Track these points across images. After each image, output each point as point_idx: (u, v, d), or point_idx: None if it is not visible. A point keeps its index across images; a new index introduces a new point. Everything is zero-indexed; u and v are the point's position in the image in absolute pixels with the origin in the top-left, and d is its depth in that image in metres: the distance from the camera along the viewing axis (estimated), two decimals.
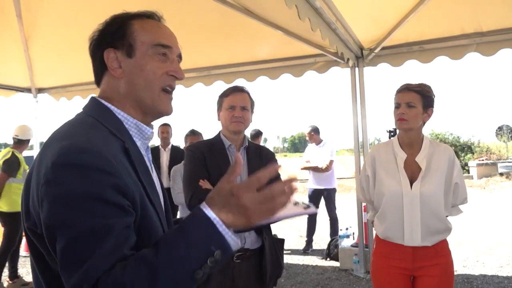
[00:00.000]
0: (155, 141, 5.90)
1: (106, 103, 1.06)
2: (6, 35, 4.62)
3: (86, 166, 0.85)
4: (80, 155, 0.86)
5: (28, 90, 6.27)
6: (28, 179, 0.96)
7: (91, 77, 1.12)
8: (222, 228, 0.86)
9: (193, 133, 4.31)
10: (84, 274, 0.81)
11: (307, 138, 6.60)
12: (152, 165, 1.15)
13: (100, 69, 1.09)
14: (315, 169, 6.31)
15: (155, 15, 1.13)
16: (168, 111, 1.11)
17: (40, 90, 6.35)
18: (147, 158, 1.11)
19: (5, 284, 4.97)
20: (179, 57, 1.13)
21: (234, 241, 0.87)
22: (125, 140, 1.00)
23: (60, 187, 0.84)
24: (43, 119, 6.58)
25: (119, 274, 0.81)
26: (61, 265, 0.84)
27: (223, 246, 0.86)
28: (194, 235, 0.86)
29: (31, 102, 6.38)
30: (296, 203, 1.35)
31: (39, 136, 6.38)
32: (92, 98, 1.09)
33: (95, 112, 1.04)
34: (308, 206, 1.36)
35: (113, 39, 1.06)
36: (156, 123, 5.79)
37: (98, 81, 1.12)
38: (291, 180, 0.90)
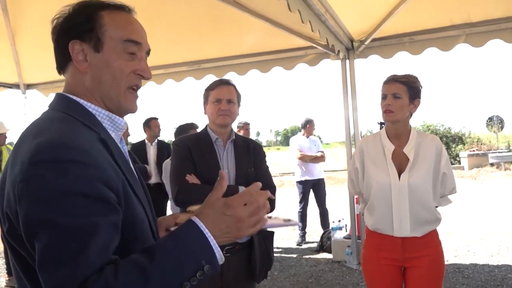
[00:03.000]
0: (142, 135, 5.82)
1: (74, 97, 1.02)
2: None
3: (65, 160, 0.83)
4: (58, 150, 0.84)
5: (16, 86, 6.19)
6: (1, 181, 0.92)
7: None
8: (213, 243, 0.90)
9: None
10: (64, 280, 0.78)
11: (302, 130, 6.61)
12: (129, 157, 1.12)
13: (64, 58, 1.04)
14: (313, 160, 6.35)
15: (126, 7, 1.07)
16: (132, 110, 1.09)
17: (28, 86, 6.26)
18: (123, 149, 1.09)
19: (3, 279, 4.95)
20: (148, 53, 1.10)
21: (220, 256, 0.91)
22: (100, 132, 0.98)
23: (39, 184, 0.81)
24: (32, 115, 6.52)
25: (111, 280, 0.79)
26: (40, 266, 0.80)
27: (213, 261, 0.89)
28: (187, 248, 0.87)
29: (20, 98, 6.30)
30: (274, 218, 1.35)
31: None
32: (58, 94, 1.05)
33: (64, 107, 1.01)
34: (288, 220, 1.36)
35: (81, 30, 1.01)
36: (144, 117, 5.76)
37: (60, 70, 1.08)
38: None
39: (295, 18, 3.10)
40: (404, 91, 2.22)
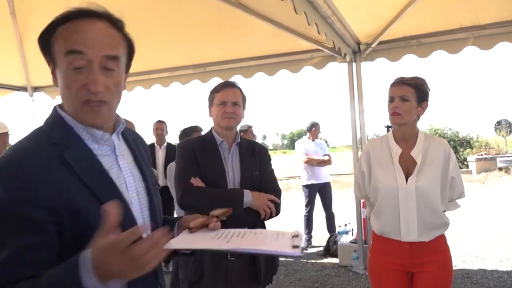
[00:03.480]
0: (151, 138, 5.84)
1: (60, 111, 1.07)
2: (1, 33, 4.57)
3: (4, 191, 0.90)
4: (3, 171, 0.93)
5: (24, 88, 6.23)
6: None
7: None
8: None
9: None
10: None
11: (307, 133, 6.58)
12: (122, 164, 1.14)
13: None
14: (320, 163, 6.31)
15: (77, 13, 1.03)
16: (94, 123, 1.06)
17: (36, 89, 6.29)
18: (114, 158, 1.12)
19: None
20: (111, 58, 1.03)
21: None
22: (69, 146, 1.01)
23: None
24: (39, 118, 6.55)
25: None
26: None
27: None
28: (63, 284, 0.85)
29: (27, 101, 6.32)
30: (279, 233, 1.23)
31: None
32: (54, 106, 1.10)
33: (49, 121, 1.08)
34: (296, 236, 1.19)
35: (43, 50, 1.05)
36: (152, 120, 5.77)
37: None
38: (160, 234, 0.86)
39: (302, 20, 3.08)
40: (412, 94, 2.19)
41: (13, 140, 5.12)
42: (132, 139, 1.26)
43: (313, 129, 6.54)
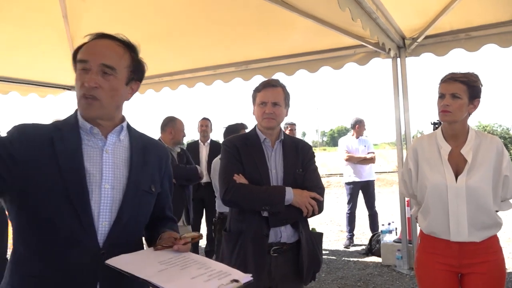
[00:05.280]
0: (195, 135, 5.95)
1: (78, 113, 1.37)
2: (54, 35, 4.80)
3: (9, 131, 1.29)
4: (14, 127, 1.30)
5: (73, 88, 6.52)
6: None
7: None
8: None
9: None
10: None
11: (351, 130, 6.49)
12: (105, 158, 1.35)
13: None
14: (361, 161, 6.22)
15: (96, 35, 1.37)
16: (86, 114, 1.34)
17: None
18: (99, 150, 1.35)
19: None
20: (108, 67, 1.31)
21: None
22: (64, 130, 1.33)
23: None
24: None
25: None
26: None
27: None
28: None
29: (76, 100, 6.62)
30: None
31: None
32: (76, 109, 1.40)
33: (67, 117, 1.41)
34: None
35: (73, 62, 1.36)
36: (197, 118, 5.88)
37: None
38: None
39: (344, 16, 3.04)
40: (463, 91, 2.11)
41: None
42: (142, 146, 1.47)
43: (357, 126, 6.43)
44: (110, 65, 1.31)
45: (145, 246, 1.52)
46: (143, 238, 1.55)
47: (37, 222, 1.23)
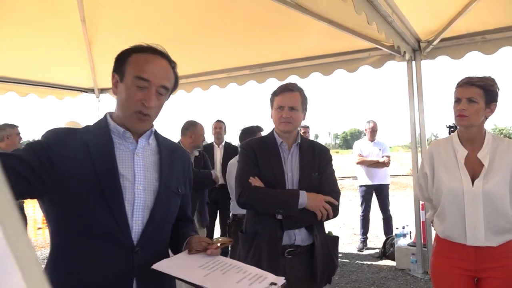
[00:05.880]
0: (210, 138, 5.99)
1: (108, 116, 1.44)
2: (72, 39, 4.90)
3: (42, 137, 1.32)
4: (44, 134, 1.34)
5: (91, 90, 6.64)
6: None
7: None
8: None
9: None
10: None
11: (368, 132, 6.46)
12: (136, 160, 1.40)
13: None
14: (374, 164, 6.19)
15: (151, 49, 1.40)
16: (136, 128, 1.40)
17: (102, 90, 6.69)
18: (131, 153, 1.41)
19: None
20: (164, 88, 1.39)
21: None
22: (97, 134, 1.38)
23: None
24: None
25: None
26: None
27: None
28: None
29: (94, 102, 6.74)
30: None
31: None
32: (105, 113, 1.48)
33: (98, 121, 1.46)
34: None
35: (116, 66, 1.40)
36: (211, 120, 5.93)
37: None
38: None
39: (359, 19, 3.05)
40: (480, 95, 2.10)
41: None
42: (169, 150, 1.54)
43: (366, 129, 6.43)
44: (167, 87, 1.40)
45: None
46: None
47: (75, 222, 1.27)
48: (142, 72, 1.34)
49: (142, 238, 1.34)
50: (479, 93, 2.10)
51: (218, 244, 1.43)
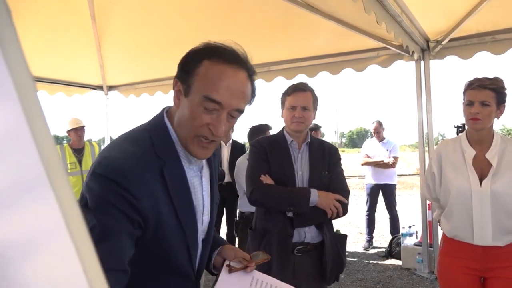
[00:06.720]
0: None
1: (166, 120, 1.18)
2: (82, 36, 4.94)
3: (109, 179, 1.00)
4: (110, 170, 1.01)
5: (100, 87, 6.68)
6: None
7: (158, 74, 1.25)
8: None
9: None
10: None
11: (372, 132, 6.46)
12: (204, 185, 1.24)
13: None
14: (379, 165, 6.19)
15: (228, 56, 1.11)
16: (196, 155, 1.15)
17: (110, 88, 6.72)
18: (199, 177, 1.23)
19: None
20: (239, 111, 1.12)
21: None
22: (167, 162, 1.11)
23: (91, 192, 1.01)
24: (113, 115, 7.02)
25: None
26: None
27: None
28: None
29: (103, 99, 6.79)
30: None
31: (109, 131, 6.82)
32: (162, 111, 1.21)
33: (154, 128, 1.16)
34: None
35: (182, 73, 1.12)
36: None
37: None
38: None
39: (367, 19, 3.05)
40: (492, 98, 2.10)
41: (88, 134, 5.55)
42: (214, 155, 1.32)
43: (380, 129, 6.42)
44: (241, 110, 1.13)
45: None
46: None
47: (153, 263, 1.14)
48: (213, 92, 1.05)
49: (199, 267, 1.26)
50: (491, 96, 2.10)
51: (257, 261, 1.40)
